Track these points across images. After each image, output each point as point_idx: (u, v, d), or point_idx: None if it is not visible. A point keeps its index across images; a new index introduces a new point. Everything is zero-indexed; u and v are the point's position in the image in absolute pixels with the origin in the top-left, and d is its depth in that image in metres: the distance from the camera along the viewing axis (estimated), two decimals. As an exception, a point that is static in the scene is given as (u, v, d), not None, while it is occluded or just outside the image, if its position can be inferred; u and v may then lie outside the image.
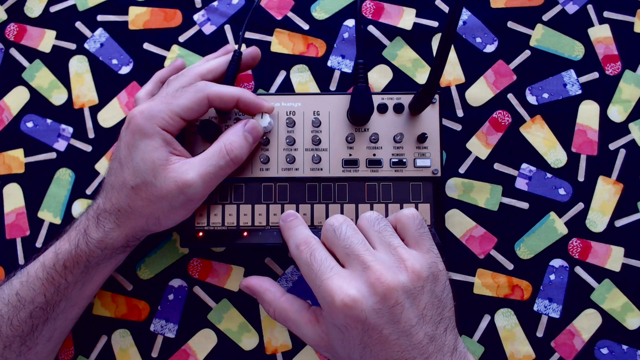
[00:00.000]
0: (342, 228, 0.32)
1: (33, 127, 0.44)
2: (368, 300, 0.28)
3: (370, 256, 0.30)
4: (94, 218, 0.35)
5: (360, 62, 0.37)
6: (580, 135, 0.43)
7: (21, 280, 0.35)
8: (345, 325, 0.29)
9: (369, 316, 0.28)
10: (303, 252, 0.32)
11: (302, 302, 0.34)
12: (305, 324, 0.32)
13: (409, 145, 0.39)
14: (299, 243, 0.32)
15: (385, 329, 0.28)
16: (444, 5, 0.45)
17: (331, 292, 0.29)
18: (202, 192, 0.34)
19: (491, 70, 0.44)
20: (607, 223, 0.42)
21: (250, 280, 0.36)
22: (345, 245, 0.31)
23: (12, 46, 0.45)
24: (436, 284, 0.31)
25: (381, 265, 0.29)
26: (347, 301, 0.28)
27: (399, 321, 0.28)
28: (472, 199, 0.42)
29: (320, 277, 0.30)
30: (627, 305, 0.41)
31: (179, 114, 0.34)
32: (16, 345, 0.34)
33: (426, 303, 0.30)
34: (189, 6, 0.45)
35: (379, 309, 0.28)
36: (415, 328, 0.29)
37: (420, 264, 0.30)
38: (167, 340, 0.41)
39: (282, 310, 0.33)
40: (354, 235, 0.31)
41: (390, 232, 0.32)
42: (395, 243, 0.31)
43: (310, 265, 0.31)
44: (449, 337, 0.30)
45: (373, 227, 0.32)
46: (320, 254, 0.31)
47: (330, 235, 0.32)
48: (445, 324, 0.30)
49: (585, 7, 0.44)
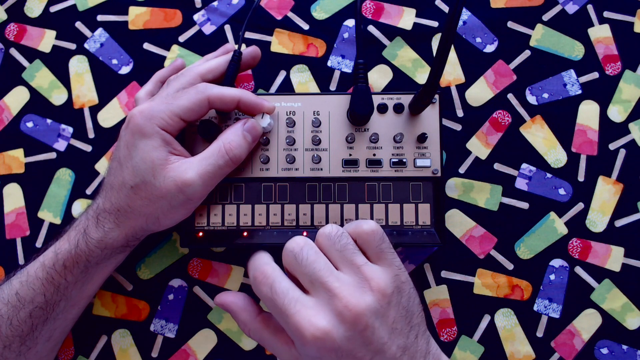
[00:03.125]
0: (302, 253, 0.31)
1: (33, 127, 0.44)
2: (338, 330, 0.28)
3: (335, 282, 0.29)
4: (93, 218, 0.35)
5: (360, 62, 0.37)
6: (580, 135, 0.43)
7: (21, 280, 0.35)
8: (319, 357, 0.29)
9: (341, 345, 0.28)
10: (263, 285, 0.30)
11: (276, 324, 0.33)
12: (282, 345, 0.32)
13: (409, 145, 0.39)
14: (256, 274, 0.31)
15: (358, 352, 0.29)
16: (444, 5, 0.45)
17: (300, 327, 0.28)
18: (201, 192, 0.34)
19: (491, 70, 0.44)
20: (607, 223, 0.42)
21: (225, 298, 0.35)
22: (308, 272, 0.30)
23: (12, 46, 0.45)
24: (401, 296, 0.31)
25: (347, 290, 0.29)
26: (317, 334, 0.28)
27: (371, 342, 0.29)
28: (472, 199, 0.42)
29: (286, 313, 0.29)
30: (627, 305, 0.41)
31: (178, 114, 0.34)
32: (16, 345, 0.34)
33: (395, 317, 0.30)
34: (189, 6, 0.45)
35: (349, 336, 0.28)
36: (387, 344, 0.29)
37: (384, 280, 0.30)
38: (167, 340, 0.41)
39: (257, 331, 0.33)
40: (316, 260, 0.31)
41: (351, 249, 0.31)
42: (358, 261, 0.31)
43: (273, 300, 0.30)
44: (420, 342, 0.31)
45: (334, 246, 0.31)
46: (281, 285, 0.30)
47: (291, 261, 0.31)
48: (415, 330, 0.31)
49: (585, 7, 0.44)
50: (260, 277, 0.31)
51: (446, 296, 0.41)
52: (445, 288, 0.41)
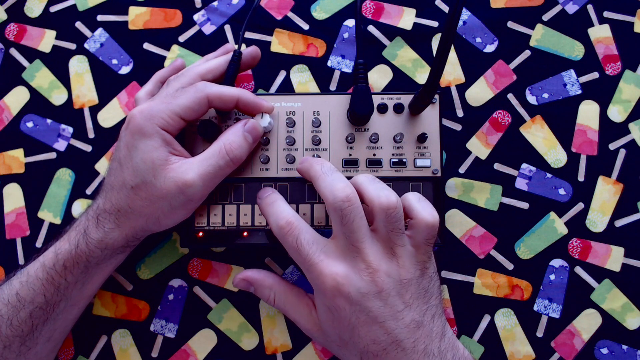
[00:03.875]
0: (350, 213, 0.31)
1: (33, 127, 0.44)
2: (356, 282, 0.29)
3: (368, 247, 0.31)
4: (93, 218, 0.35)
5: (360, 62, 0.37)
6: (580, 135, 0.43)
7: (21, 280, 0.35)
8: (335, 307, 0.30)
9: (357, 296, 0.29)
10: (288, 236, 0.32)
11: (298, 289, 0.35)
12: (303, 308, 0.33)
13: (409, 145, 0.39)
14: (281, 224, 0.32)
15: (372, 311, 0.30)
16: (444, 5, 0.45)
17: (321, 274, 0.30)
18: (201, 192, 0.34)
19: (491, 70, 0.44)
20: (607, 223, 0.42)
21: (245, 273, 0.36)
22: (349, 231, 0.31)
23: (12, 46, 0.45)
24: (423, 279, 0.32)
25: (373, 252, 0.30)
26: (335, 283, 0.29)
27: (386, 305, 0.30)
28: (472, 199, 0.42)
29: (309, 261, 0.31)
30: (627, 305, 0.41)
31: (178, 114, 0.34)
32: (16, 345, 0.34)
33: (412, 294, 0.31)
34: (189, 6, 0.45)
35: (366, 292, 0.29)
36: (401, 313, 0.30)
37: (412, 263, 0.31)
38: (167, 340, 0.41)
39: (282, 293, 0.34)
40: (360, 224, 0.31)
41: (398, 232, 0.32)
42: (399, 243, 0.32)
43: (298, 250, 0.31)
44: (436, 323, 0.31)
45: (389, 225, 0.31)
46: (307, 236, 0.32)
47: (336, 213, 0.31)
48: (432, 311, 0.31)
49: (585, 7, 0.44)
50: (287, 227, 0.32)
51: (446, 296, 0.41)
52: (445, 288, 0.41)
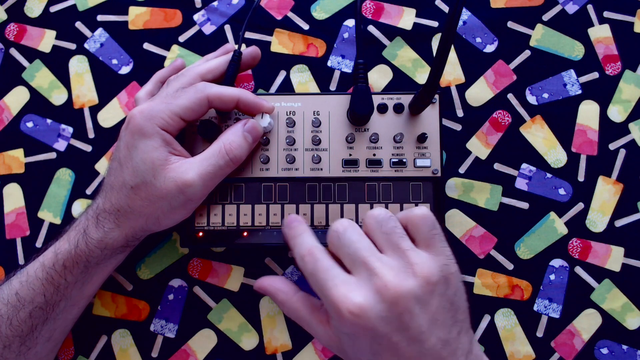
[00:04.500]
0: (346, 233, 0.31)
1: (33, 127, 0.44)
2: (375, 308, 0.27)
3: (376, 261, 0.29)
4: (93, 218, 0.35)
5: (360, 62, 0.37)
6: (580, 135, 0.43)
7: (21, 280, 0.35)
8: (353, 333, 0.28)
9: (376, 324, 0.27)
10: (308, 264, 0.31)
11: (314, 300, 0.33)
12: (317, 324, 0.32)
13: (409, 145, 0.39)
14: (303, 254, 0.31)
15: (394, 336, 0.27)
16: (444, 5, 0.45)
17: (337, 301, 0.28)
18: (201, 192, 0.34)
19: (491, 70, 0.44)
20: (607, 223, 0.42)
21: (263, 282, 0.35)
22: (350, 251, 0.30)
23: (12, 46, 0.45)
24: (448, 287, 0.29)
25: (388, 270, 0.28)
26: (353, 310, 0.27)
27: (409, 328, 0.27)
28: (472, 199, 0.42)
29: (326, 287, 0.29)
30: (627, 305, 0.41)
31: (178, 114, 0.34)
32: (16, 345, 0.34)
33: (437, 307, 0.28)
34: (189, 6, 0.45)
35: (386, 316, 0.27)
36: (425, 334, 0.28)
37: (430, 267, 0.29)
38: (167, 340, 0.41)
39: (295, 310, 0.33)
40: (360, 240, 0.30)
41: (399, 233, 0.31)
42: (404, 246, 0.30)
43: (315, 275, 0.30)
44: (463, 339, 0.29)
45: (381, 228, 0.31)
46: (324, 263, 0.30)
47: (335, 241, 0.31)
48: (458, 327, 0.29)
49: (585, 7, 0.44)
50: (308, 256, 0.31)
51: (446, 296, 0.41)
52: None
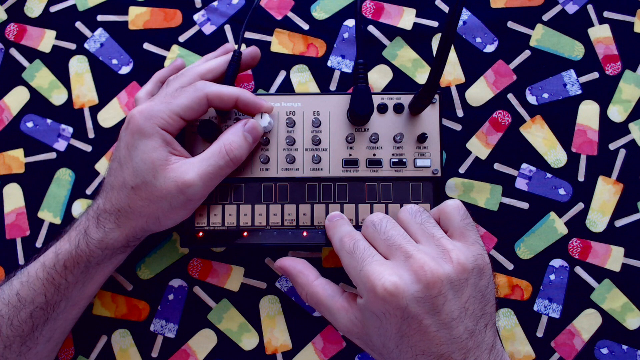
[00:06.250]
0: (382, 223, 0.32)
1: (33, 127, 0.44)
2: (410, 288, 0.27)
3: (412, 247, 0.30)
4: (94, 218, 0.35)
5: (360, 62, 0.37)
6: (580, 135, 0.43)
7: (21, 280, 0.35)
8: (384, 313, 0.28)
9: (409, 304, 0.27)
10: (346, 244, 0.32)
11: (335, 287, 0.33)
12: (338, 309, 0.32)
13: (409, 145, 0.39)
14: (342, 236, 0.33)
15: (425, 319, 0.27)
16: (444, 5, 0.45)
17: (372, 277, 0.28)
18: (201, 192, 0.34)
19: (491, 70, 0.44)
20: (607, 223, 0.42)
21: (285, 262, 0.35)
22: (386, 237, 0.31)
23: (12, 46, 0.45)
24: (481, 278, 0.30)
25: (425, 254, 0.29)
26: (388, 287, 0.27)
27: (440, 312, 0.28)
28: (472, 199, 0.42)
29: (362, 263, 0.29)
30: (627, 305, 0.41)
31: (178, 113, 0.34)
32: (16, 345, 0.34)
33: (469, 296, 0.29)
34: (189, 6, 0.45)
35: (420, 297, 0.27)
36: (456, 321, 0.28)
37: (466, 255, 0.29)
38: (167, 340, 0.41)
39: (314, 295, 0.33)
40: (395, 228, 0.31)
41: (432, 223, 0.32)
42: (439, 234, 0.31)
43: (353, 253, 0.31)
44: (488, 333, 0.29)
45: (414, 219, 0.32)
46: (362, 243, 0.31)
47: (370, 231, 0.32)
48: (486, 319, 0.29)
49: (585, 7, 0.44)
50: (347, 237, 0.32)
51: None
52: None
